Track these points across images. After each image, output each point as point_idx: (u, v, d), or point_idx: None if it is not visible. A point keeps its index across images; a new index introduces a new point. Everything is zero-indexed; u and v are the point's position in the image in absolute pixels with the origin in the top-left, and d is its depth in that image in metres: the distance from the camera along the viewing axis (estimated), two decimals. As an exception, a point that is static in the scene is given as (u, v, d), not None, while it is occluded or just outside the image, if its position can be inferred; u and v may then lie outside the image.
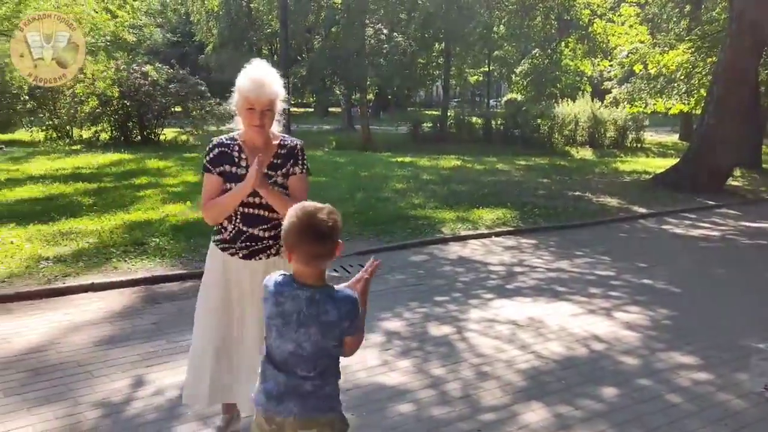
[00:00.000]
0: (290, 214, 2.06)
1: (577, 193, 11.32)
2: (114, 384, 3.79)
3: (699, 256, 7.37)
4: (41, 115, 19.20)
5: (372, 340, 4.47)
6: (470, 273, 6.42)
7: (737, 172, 13.72)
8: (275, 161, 2.98)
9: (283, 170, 2.99)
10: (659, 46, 16.23)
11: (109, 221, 7.84)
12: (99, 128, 19.25)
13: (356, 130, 28.35)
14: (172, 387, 3.75)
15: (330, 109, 39.50)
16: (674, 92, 16.27)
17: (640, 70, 16.97)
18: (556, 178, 13.13)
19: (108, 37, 14.20)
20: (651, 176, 13.14)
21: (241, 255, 2.99)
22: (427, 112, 33.67)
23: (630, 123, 23.40)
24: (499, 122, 23.96)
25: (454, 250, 7.37)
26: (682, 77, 16.29)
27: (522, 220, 8.83)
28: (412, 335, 4.65)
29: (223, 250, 3.02)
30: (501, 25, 23.04)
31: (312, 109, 40.43)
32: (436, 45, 27.01)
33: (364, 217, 8.53)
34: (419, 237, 7.68)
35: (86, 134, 19.41)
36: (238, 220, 2.96)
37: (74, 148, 17.04)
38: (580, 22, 19.39)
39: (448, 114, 25.53)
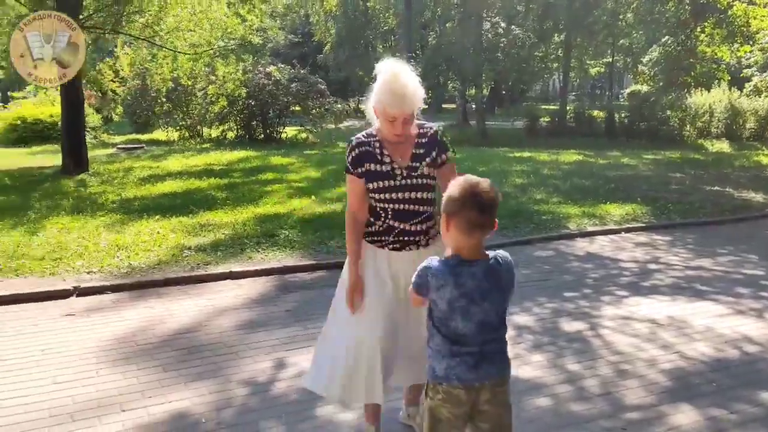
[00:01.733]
0: (454, 185, 2.14)
1: (715, 188, 10.59)
2: (258, 365, 4.00)
3: None
4: (175, 116, 20.59)
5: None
6: (600, 269, 6.18)
7: None
8: (417, 151, 2.90)
9: (428, 159, 2.88)
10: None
11: (241, 214, 8.28)
12: (226, 127, 20.41)
13: (471, 126, 28.09)
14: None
15: (443, 105, 39.43)
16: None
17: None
18: (690, 173, 12.36)
19: (237, 41, 14.93)
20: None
21: (391, 248, 2.92)
22: (543, 106, 32.79)
23: (773, 113, 21.59)
24: (622, 115, 22.87)
25: (581, 246, 7.12)
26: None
27: (654, 216, 8.38)
28: (543, 330, 4.55)
29: (371, 242, 2.94)
30: (629, 12, 21.90)
31: (426, 106, 40.61)
32: (556, 36, 26.21)
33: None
34: (544, 232, 7.49)
35: (215, 133, 20.64)
36: (389, 217, 2.87)
37: (204, 146, 18.18)
38: (718, 5, 18.04)
39: (567, 108, 24.70)
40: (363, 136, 2.93)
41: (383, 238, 2.91)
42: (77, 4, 11.72)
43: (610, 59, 30.64)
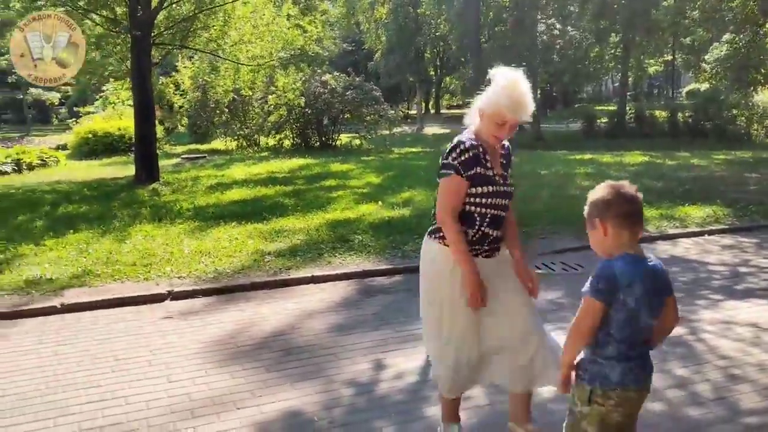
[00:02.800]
0: (597, 190, 2.19)
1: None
2: (357, 366, 4.06)
3: None
4: (233, 126, 21.06)
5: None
6: (688, 273, 6.03)
7: None
8: (503, 161, 2.98)
9: (509, 171, 3.00)
10: None
11: (312, 220, 8.41)
12: (282, 136, 20.76)
13: (525, 129, 27.77)
14: (410, 372, 3.94)
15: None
16: None
17: None
18: (766, 173, 11.93)
19: (297, 51, 15.20)
20: None
21: (483, 255, 2.94)
22: (597, 107, 32.21)
23: None
24: (686, 114, 22.29)
25: (664, 248, 6.96)
26: None
27: (737, 218, 8.14)
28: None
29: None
30: (695, 9, 21.34)
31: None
32: (613, 36, 25.76)
33: (556, 215, 8.35)
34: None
35: (271, 142, 21.02)
36: (485, 224, 2.89)
37: (262, 154, 18.51)
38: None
39: (627, 108, 24.21)
40: (470, 140, 2.89)
41: (477, 247, 2.93)
42: (151, 24, 12.16)
43: (671, 57, 29.83)
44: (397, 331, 4.66)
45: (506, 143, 3.03)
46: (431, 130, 31.20)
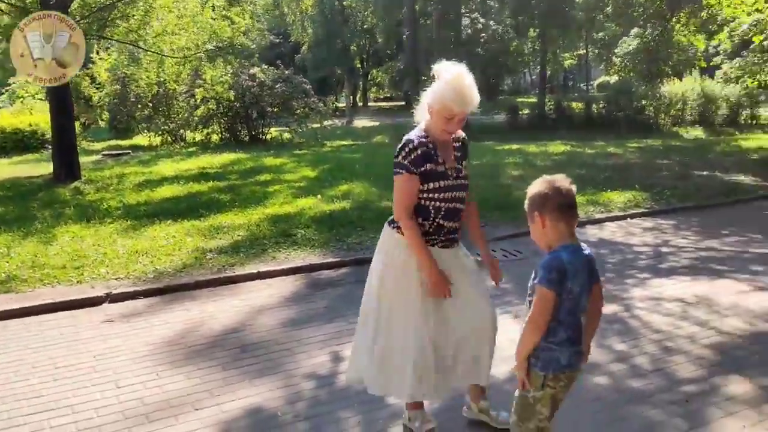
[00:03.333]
0: (533, 185, 2.35)
1: (705, 172, 10.94)
2: (315, 360, 4.10)
3: None
4: (157, 121, 20.41)
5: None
6: (616, 254, 6.39)
7: None
8: (457, 154, 3.05)
9: (464, 163, 3.06)
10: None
11: (252, 215, 8.33)
12: (210, 130, 20.30)
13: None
14: (368, 362, 4.01)
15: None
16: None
17: (762, 41, 16.04)
18: (676, 159, 12.72)
19: (225, 43, 14.88)
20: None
21: (440, 245, 3.03)
22: (518, 99, 33.18)
23: (744, 99, 22.18)
24: (600, 106, 23.32)
25: (592, 233, 7.34)
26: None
27: (655, 202, 8.66)
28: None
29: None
30: (608, 5, 22.37)
31: (403, 103, 40.69)
32: (531, 31, 26.63)
33: (493, 203, 8.62)
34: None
35: (198, 137, 20.51)
36: (440, 216, 2.98)
37: (190, 150, 18.05)
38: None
39: (546, 100, 25.10)
40: (418, 136, 2.97)
41: (433, 237, 3.01)
42: (64, 12, 11.60)
43: (584, 51, 31.14)
44: (351, 323, 4.68)
45: (462, 135, 3.11)
46: (361, 123, 31.25)
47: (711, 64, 23.32)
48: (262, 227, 7.69)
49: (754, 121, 22.55)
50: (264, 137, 20.35)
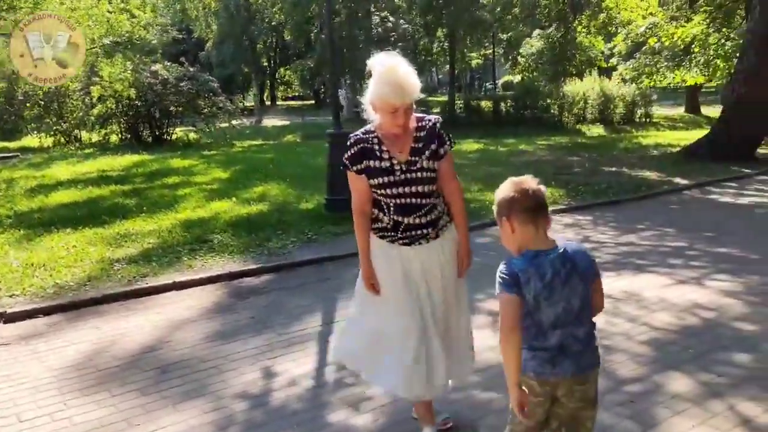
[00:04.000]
0: (501, 188, 2.21)
1: (613, 168, 11.36)
2: (245, 377, 3.80)
3: (761, 223, 7.40)
4: (47, 121, 19.04)
5: (480, 321, 4.49)
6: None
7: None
8: (416, 145, 2.89)
9: (427, 153, 2.87)
10: (676, 20, 16.25)
11: (162, 221, 7.83)
12: (109, 130, 19.14)
13: (366, 120, 28.28)
14: (303, 377, 3.76)
15: (328, 101, 39.32)
16: (692, 64, 16.27)
17: (655, 43, 16.96)
18: (584, 156, 13.16)
19: (125, 38, 14.03)
20: (680, 148, 13.17)
21: (401, 243, 2.92)
22: (428, 98, 33.57)
23: (639, 98, 23.41)
24: (508, 104, 23.93)
25: (515, 230, 7.38)
26: (697, 49, 16.29)
27: (571, 198, 8.86)
28: (517, 314, 4.66)
29: (382, 237, 2.94)
30: (516, 7, 22.99)
31: (313, 102, 40.22)
32: (440, 31, 26.98)
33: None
34: (478, 220, 7.66)
35: (96, 137, 19.30)
36: (393, 213, 2.87)
37: (87, 151, 16.95)
38: (592, -3, 19.51)
39: (456, 99, 25.48)
40: (361, 133, 2.94)
41: (392, 234, 2.92)
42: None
43: (491, 51, 31.92)
44: (281, 335, 4.45)
45: (431, 122, 2.94)
46: (270, 122, 30.58)
47: (609, 65, 24.48)
48: (174, 233, 7.22)
49: (648, 119, 23.84)
50: (169, 137, 19.42)
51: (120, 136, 19.12)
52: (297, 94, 48.10)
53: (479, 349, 3.96)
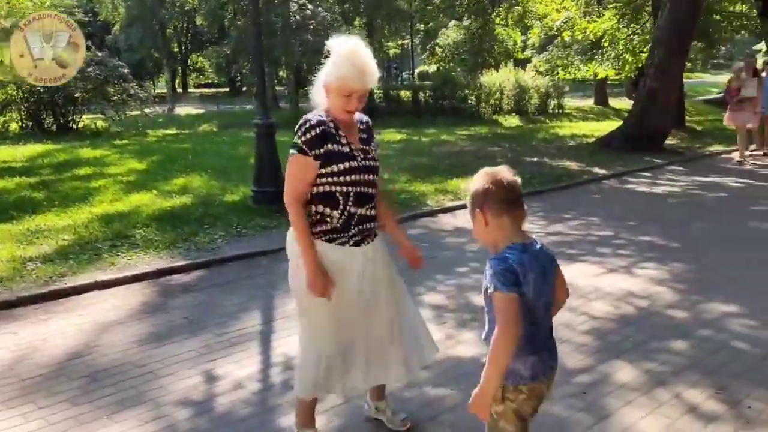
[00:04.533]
0: (474, 180, 2.13)
1: (534, 159, 11.64)
2: (186, 381, 3.59)
3: (677, 211, 7.76)
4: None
5: (423, 315, 4.43)
6: (474, 242, 6.47)
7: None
8: (362, 136, 2.84)
9: (372, 144, 2.87)
10: (589, 15, 16.86)
11: (77, 215, 7.35)
12: (7, 118, 17.86)
13: (282, 109, 27.81)
14: (248, 379, 3.60)
15: (245, 89, 38.31)
16: (604, 58, 16.94)
17: (568, 37, 17.57)
18: (506, 146, 13.42)
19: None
20: (595, 139, 13.67)
21: (352, 243, 2.76)
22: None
23: (552, 90, 24.18)
24: (427, 94, 24.11)
25: (446, 221, 7.42)
26: (607, 44, 17.00)
27: (497, 188, 8.99)
28: (459, 307, 4.67)
29: (330, 241, 2.74)
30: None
31: (228, 89, 39.09)
32: (358, 19, 26.86)
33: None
34: (409, 211, 7.65)
35: (-8, 125, 17.94)
36: (351, 203, 2.71)
37: (-18, 141, 15.71)
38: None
39: (375, 88, 25.45)
40: (320, 116, 2.74)
41: (343, 234, 2.76)
42: None
43: (408, 41, 32.07)
44: (219, 335, 4.25)
45: (365, 118, 2.90)
46: (184, 110, 29.51)
47: (524, 56, 25.16)
48: (91, 228, 6.78)
49: (561, 110, 24.66)
50: (75, 126, 18.30)
51: (20, 124, 17.88)
52: (210, 81, 46.61)
53: (427, 345, 3.97)
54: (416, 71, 42.00)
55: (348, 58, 2.64)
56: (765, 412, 3.11)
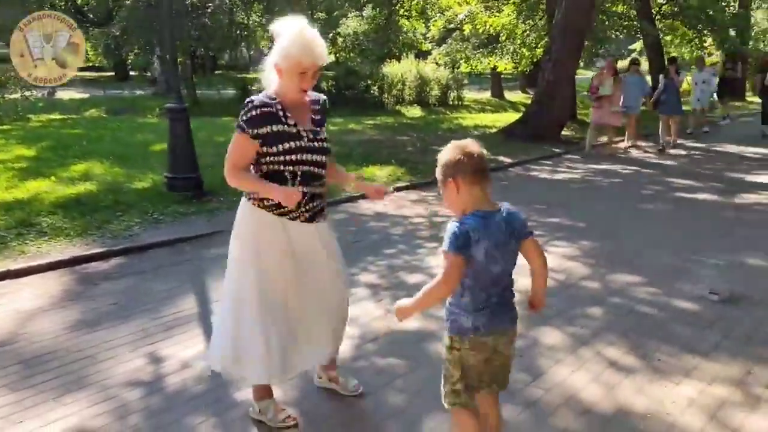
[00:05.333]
0: (444, 151, 2.36)
1: (442, 148, 11.98)
2: (129, 364, 3.55)
3: (578, 196, 8.33)
4: None
5: (360, 294, 4.61)
6: (397, 226, 6.70)
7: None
8: (315, 117, 2.94)
9: (324, 126, 2.97)
10: (489, 10, 17.54)
11: (-30, 203, 6.87)
12: None
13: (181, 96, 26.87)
14: (197, 358, 3.60)
15: (132, 73, 36.46)
16: (504, 52, 17.70)
17: (468, 30, 18.19)
18: (414, 135, 13.75)
19: None
20: (497, 129, 14.29)
21: (302, 219, 2.86)
22: (240, 75, 32.61)
23: (452, 82, 24.91)
24: (330, 84, 24.15)
25: (367, 206, 7.57)
26: (504, 38, 17.78)
27: (412, 175, 9.26)
28: (393, 285, 4.85)
29: (281, 215, 2.83)
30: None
31: (113, 74, 37.00)
32: (257, 5, 26.33)
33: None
34: (329, 197, 7.72)
35: None
36: (297, 181, 2.81)
37: None
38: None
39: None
40: (264, 97, 2.83)
41: (294, 211, 2.84)
42: None
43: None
44: (154, 319, 4.19)
45: (322, 98, 3.01)
46: (66, 94, 27.68)
47: (425, 48, 25.70)
48: (-9, 217, 6.38)
49: (460, 102, 25.48)
50: None
51: None
52: (92, 64, 43.96)
53: (366, 321, 4.14)
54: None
55: (296, 38, 2.72)
56: (670, 363, 3.52)
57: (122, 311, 4.35)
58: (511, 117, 15.86)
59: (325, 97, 3.05)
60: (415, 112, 22.26)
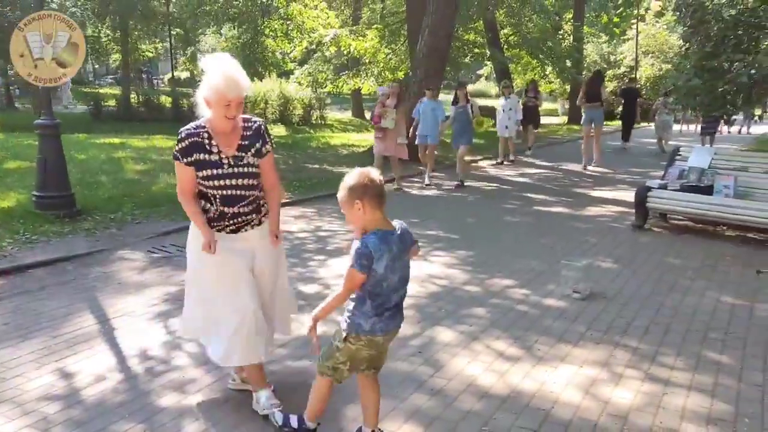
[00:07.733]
0: (350, 176, 2.69)
1: (316, 165, 12.33)
2: (39, 381, 3.52)
3: (449, 210, 8.95)
4: None
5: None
6: (284, 241, 6.85)
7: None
8: (243, 143, 3.19)
9: (253, 150, 3.20)
10: (354, 33, 18.19)
11: None
12: None
13: (18, 110, 25.00)
14: (111, 371, 3.66)
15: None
16: (368, 74, 18.41)
17: (332, 52, 18.74)
18: (285, 154, 13.92)
19: None
20: (364, 149, 14.83)
21: (227, 231, 3.21)
22: (100, 90, 30.95)
23: (315, 102, 25.34)
24: (190, 102, 23.61)
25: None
26: (368, 61, 18.53)
27: (291, 192, 9.47)
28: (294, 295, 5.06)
29: (211, 227, 3.18)
30: (207, 4, 22.66)
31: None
32: (109, 19, 25.26)
33: (137, 200, 8.25)
34: (211, 213, 7.76)
35: None
36: (219, 203, 3.15)
37: None
38: (279, 4, 20.38)
39: (131, 92, 24.19)
40: (192, 127, 3.16)
41: (219, 224, 3.20)
42: None
43: (168, 45, 30.82)
44: (55, 337, 4.11)
45: (258, 122, 3.26)
46: None
47: (287, 68, 25.94)
48: None
49: (323, 121, 25.97)
50: None
51: None
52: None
53: (294, 326, 4.33)
54: (165, 77, 40.43)
55: (219, 73, 3.03)
56: (549, 352, 4.08)
57: (17, 331, 4.22)
58: (370, 136, 16.48)
59: (261, 121, 3.31)
60: (279, 131, 22.40)
